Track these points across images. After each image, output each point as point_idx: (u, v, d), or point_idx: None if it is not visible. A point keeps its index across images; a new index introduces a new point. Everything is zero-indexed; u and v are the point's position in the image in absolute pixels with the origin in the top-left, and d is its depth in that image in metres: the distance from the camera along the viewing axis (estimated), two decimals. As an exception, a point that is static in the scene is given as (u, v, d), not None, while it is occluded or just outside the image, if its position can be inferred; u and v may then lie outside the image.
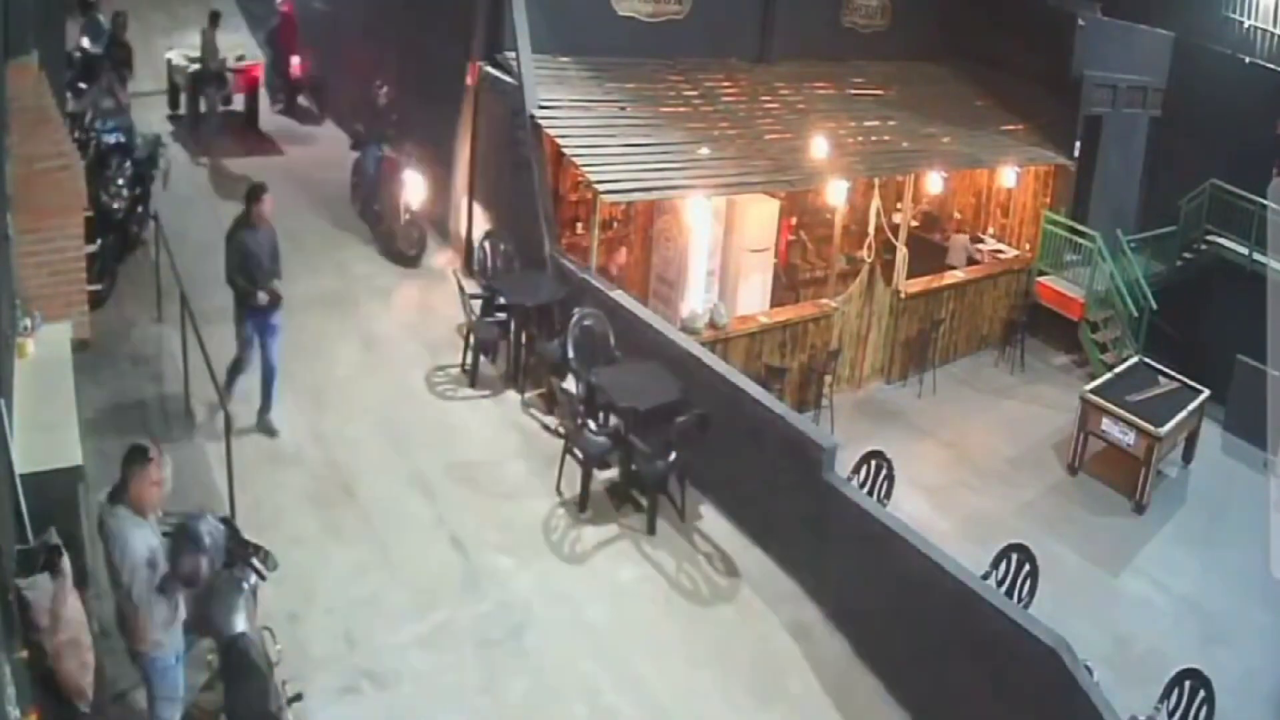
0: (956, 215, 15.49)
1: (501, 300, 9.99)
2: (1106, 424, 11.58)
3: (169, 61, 14.66)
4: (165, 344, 9.26)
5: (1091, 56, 14.93)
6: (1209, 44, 17.13)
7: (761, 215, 12.18)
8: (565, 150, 10.74)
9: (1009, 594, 7.74)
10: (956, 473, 11.38)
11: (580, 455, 8.34)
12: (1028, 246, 14.92)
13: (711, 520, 8.48)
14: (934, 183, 13.39)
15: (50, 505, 5.40)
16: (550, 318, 9.96)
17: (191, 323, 8.13)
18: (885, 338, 12.93)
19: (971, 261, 14.61)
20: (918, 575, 7.12)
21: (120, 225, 9.93)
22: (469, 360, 9.81)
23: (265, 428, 8.47)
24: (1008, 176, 14.33)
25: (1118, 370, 12.83)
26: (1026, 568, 8.05)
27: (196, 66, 14.04)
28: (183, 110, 14.37)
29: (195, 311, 8.32)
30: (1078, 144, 14.76)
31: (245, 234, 8.18)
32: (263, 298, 8.12)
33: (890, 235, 13.20)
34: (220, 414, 6.86)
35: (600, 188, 10.34)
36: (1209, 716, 7.30)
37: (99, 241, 9.37)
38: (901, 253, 13.10)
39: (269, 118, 15.12)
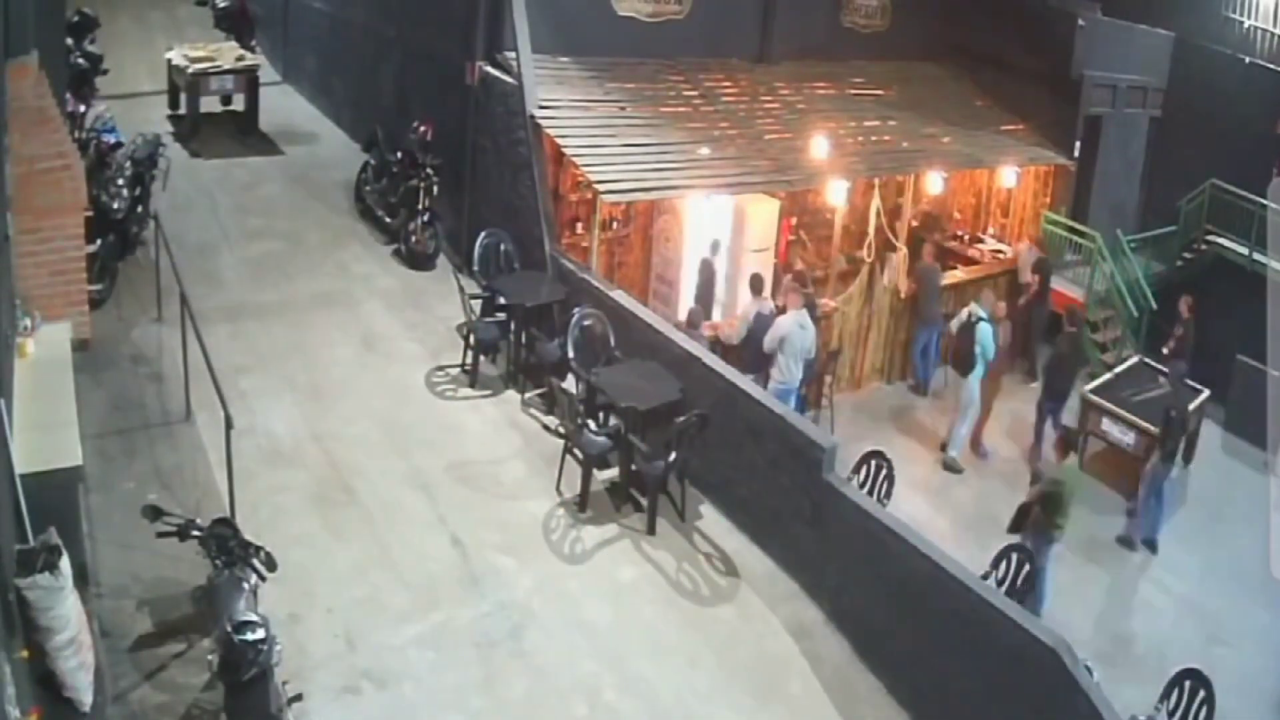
0: (957, 215, 15.46)
1: (501, 300, 10.00)
2: (1106, 424, 11.56)
3: (169, 61, 14.64)
4: (165, 344, 9.24)
5: (1091, 56, 14.91)
6: (1209, 44, 17.09)
7: (761, 215, 12.18)
8: (565, 150, 10.74)
9: (1009, 594, 7.74)
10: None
11: (580, 455, 8.34)
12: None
13: (711, 520, 8.48)
14: (934, 183, 13.38)
15: (50, 505, 5.40)
16: (550, 318, 9.96)
17: (192, 323, 8.12)
18: (885, 338, 12.89)
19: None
20: (918, 575, 7.13)
21: (120, 225, 9.92)
22: (469, 360, 9.81)
23: None
24: (1008, 176, 14.31)
25: (1118, 370, 12.81)
26: (1026, 568, 8.06)
27: (198, 66, 14.02)
28: (183, 110, 14.35)
29: (195, 311, 8.32)
30: (1078, 144, 14.76)
31: None
32: None
33: (890, 235, 13.18)
34: (220, 414, 6.85)
35: (600, 188, 10.34)
36: (1209, 716, 7.31)
37: (99, 241, 9.38)
38: (901, 253, 13.08)
39: (268, 116, 15.08)
